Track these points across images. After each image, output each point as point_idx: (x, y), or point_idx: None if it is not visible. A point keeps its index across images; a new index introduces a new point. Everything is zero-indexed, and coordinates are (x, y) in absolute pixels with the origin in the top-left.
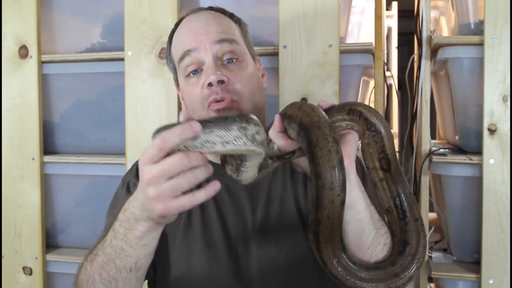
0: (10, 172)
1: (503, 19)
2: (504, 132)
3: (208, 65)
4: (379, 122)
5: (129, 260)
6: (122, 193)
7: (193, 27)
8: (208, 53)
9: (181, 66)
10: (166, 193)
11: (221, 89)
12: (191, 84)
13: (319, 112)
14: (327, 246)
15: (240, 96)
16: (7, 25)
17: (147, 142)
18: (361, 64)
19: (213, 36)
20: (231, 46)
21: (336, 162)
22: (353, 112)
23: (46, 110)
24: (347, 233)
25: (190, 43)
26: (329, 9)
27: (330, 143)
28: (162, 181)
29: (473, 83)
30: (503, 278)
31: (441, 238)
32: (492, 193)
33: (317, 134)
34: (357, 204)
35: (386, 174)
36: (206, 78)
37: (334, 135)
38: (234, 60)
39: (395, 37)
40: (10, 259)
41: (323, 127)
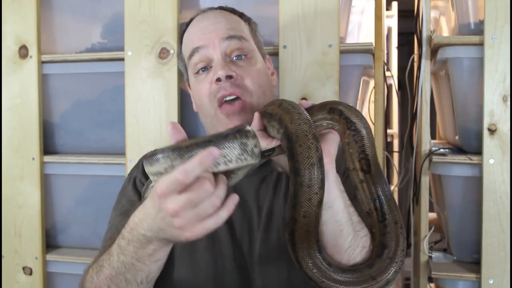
0: (10, 172)
1: (503, 19)
2: (504, 132)
3: (216, 61)
4: (359, 121)
5: (141, 274)
6: (129, 189)
7: (202, 25)
8: (216, 50)
9: (191, 64)
10: (193, 222)
11: (230, 84)
12: (200, 80)
13: (299, 109)
14: (303, 246)
15: (250, 92)
16: (7, 25)
17: (147, 142)
18: (361, 64)
19: (222, 33)
20: (239, 42)
21: (315, 159)
22: (334, 111)
23: (46, 110)
24: (324, 234)
25: (199, 40)
26: (329, 9)
27: (310, 140)
28: (188, 210)
29: (473, 83)
30: (503, 278)
31: (441, 238)
32: (492, 193)
33: (296, 131)
34: (336, 204)
35: (366, 176)
36: (214, 73)
37: (314, 132)
38: (243, 57)
39: (395, 37)
40: (10, 259)
41: (303, 124)
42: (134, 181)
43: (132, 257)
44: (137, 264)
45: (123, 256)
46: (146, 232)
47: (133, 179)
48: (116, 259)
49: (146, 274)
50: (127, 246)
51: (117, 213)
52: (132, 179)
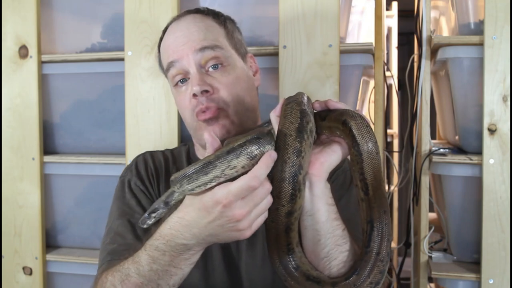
0: (10, 172)
1: (503, 19)
2: (504, 132)
3: (192, 75)
4: (364, 144)
5: (174, 278)
6: (126, 192)
7: (175, 36)
8: (191, 62)
9: (169, 76)
10: (253, 221)
11: (206, 99)
12: (180, 93)
13: (295, 116)
14: (272, 246)
15: (226, 103)
16: (7, 25)
17: (147, 142)
18: (361, 64)
19: (195, 44)
20: (213, 52)
21: (287, 174)
22: (346, 125)
23: (46, 110)
24: (304, 237)
25: (172, 53)
26: (329, 9)
27: (287, 154)
28: (252, 212)
29: (473, 83)
30: (503, 278)
31: (441, 238)
32: (492, 193)
33: (280, 141)
34: (318, 215)
35: (365, 197)
36: (190, 89)
37: (297, 145)
38: (219, 66)
39: (395, 37)
40: (10, 259)
41: (288, 136)
42: (129, 184)
43: (168, 264)
44: (172, 270)
45: (156, 265)
46: (189, 241)
47: (128, 183)
48: (147, 268)
49: (180, 276)
50: (162, 257)
51: (115, 217)
52: (127, 183)
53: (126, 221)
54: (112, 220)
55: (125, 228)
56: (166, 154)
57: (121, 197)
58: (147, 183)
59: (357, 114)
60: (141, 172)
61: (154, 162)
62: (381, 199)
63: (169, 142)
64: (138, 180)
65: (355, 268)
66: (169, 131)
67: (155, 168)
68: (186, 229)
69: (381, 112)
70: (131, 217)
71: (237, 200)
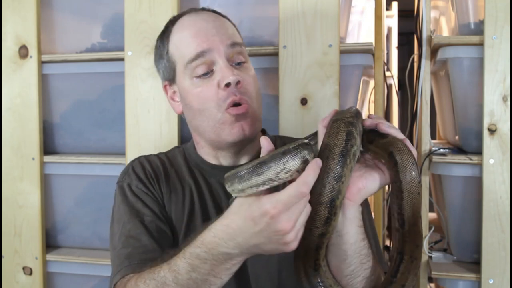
0: (10, 172)
1: (503, 19)
2: (504, 132)
3: (222, 66)
4: (406, 183)
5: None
6: (129, 196)
7: (201, 27)
8: (221, 55)
9: (190, 67)
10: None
11: (238, 90)
12: (202, 84)
13: (341, 138)
14: (300, 260)
15: (251, 98)
16: (7, 25)
17: (147, 142)
18: (361, 64)
19: (226, 38)
20: (240, 48)
21: (325, 198)
22: (391, 158)
23: (46, 110)
24: (330, 253)
25: (202, 43)
26: (329, 9)
27: (328, 178)
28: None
29: (473, 83)
30: (503, 278)
31: (441, 238)
32: (492, 193)
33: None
34: (347, 236)
35: (400, 229)
36: (222, 78)
37: (338, 170)
38: (242, 63)
39: (395, 37)
40: (10, 259)
41: (331, 159)
42: (130, 188)
43: (208, 273)
44: (211, 280)
45: (195, 273)
46: (232, 251)
47: (128, 186)
48: (186, 277)
49: (218, 286)
50: (202, 265)
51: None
52: (127, 187)
53: (138, 223)
54: (120, 225)
55: (139, 230)
56: (161, 157)
57: (125, 202)
58: (148, 185)
59: (406, 148)
60: (140, 175)
61: (151, 165)
62: (416, 236)
63: (169, 142)
64: (139, 183)
65: None
66: (169, 131)
67: (153, 171)
68: (231, 237)
69: (381, 112)
70: (142, 219)
71: (285, 210)
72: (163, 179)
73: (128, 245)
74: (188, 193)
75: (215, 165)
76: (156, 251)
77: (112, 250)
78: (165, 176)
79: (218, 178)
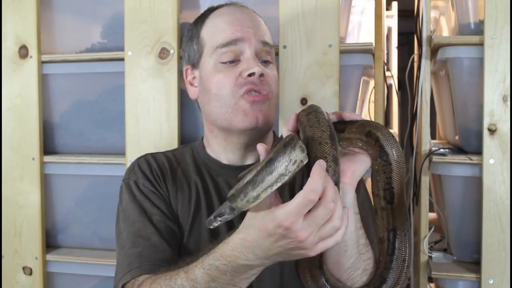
0: (10, 172)
1: (503, 19)
2: (504, 132)
3: (249, 57)
4: (393, 154)
5: None
6: (137, 194)
7: (238, 17)
8: (251, 47)
9: (219, 52)
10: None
11: (260, 82)
12: (225, 70)
13: (324, 124)
14: (303, 261)
15: (272, 94)
16: (7, 25)
17: (147, 142)
18: (361, 64)
19: (259, 34)
20: (270, 49)
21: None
22: (371, 136)
23: (46, 110)
24: (328, 250)
25: (236, 32)
26: (329, 9)
27: (328, 162)
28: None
29: (473, 83)
30: (503, 278)
31: (441, 238)
32: (492, 193)
33: (316, 150)
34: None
35: (388, 206)
36: (247, 67)
37: (334, 153)
38: (268, 62)
39: (395, 37)
40: (10, 259)
41: (324, 144)
42: (137, 185)
43: (227, 283)
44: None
45: (214, 283)
46: (252, 262)
47: (135, 184)
48: (204, 286)
49: None
50: (222, 276)
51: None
52: (134, 185)
53: (147, 222)
54: (128, 224)
55: (148, 230)
56: (168, 155)
57: (133, 200)
58: (155, 184)
59: (380, 124)
60: (146, 173)
61: (157, 162)
62: (403, 206)
63: (169, 142)
64: (146, 181)
65: (382, 277)
66: (169, 131)
67: (160, 169)
68: (249, 250)
69: (381, 112)
70: (150, 219)
71: (299, 220)
72: (169, 177)
73: (138, 245)
74: (194, 192)
75: (224, 164)
76: (166, 251)
77: (120, 249)
78: (171, 174)
79: (225, 177)
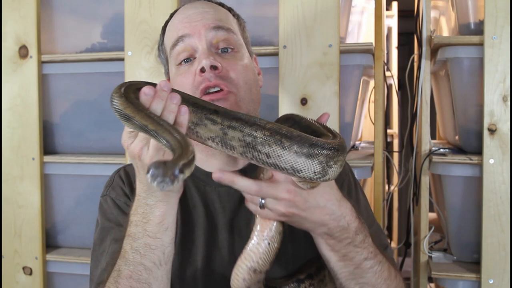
0: (10, 172)
1: (503, 19)
2: (504, 132)
3: (201, 51)
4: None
5: (157, 253)
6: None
7: (188, 14)
8: (202, 40)
9: (173, 54)
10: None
11: (215, 76)
12: (182, 72)
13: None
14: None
15: (236, 86)
16: (7, 25)
17: None
18: (361, 64)
19: (209, 22)
20: (227, 34)
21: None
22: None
23: (46, 110)
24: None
25: (183, 28)
26: (329, 9)
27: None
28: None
29: (473, 83)
30: (503, 278)
31: (441, 238)
32: (492, 193)
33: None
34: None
35: None
36: (198, 63)
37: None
38: (230, 50)
39: (395, 37)
40: (10, 259)
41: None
42: (114, 203)
43: (143, 236)
44: (150, 242)
45: (135, 242)
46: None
47: (112, 201)
48: (130, 251)
49: (161, 250)
50: (136, 229)
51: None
52: (111, 201)
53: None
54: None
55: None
56: None
57: (111, 218)
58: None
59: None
60: (125, 190)
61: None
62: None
63: None
64: (124, 196)
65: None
66: None
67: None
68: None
69: (381, 112)
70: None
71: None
72: None
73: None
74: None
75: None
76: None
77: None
78: None
79: (215, 186)
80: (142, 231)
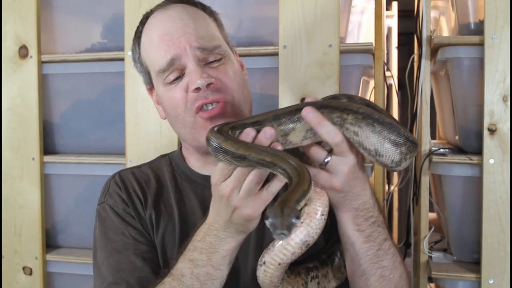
0: (10, 172)
1: (503, 19)
2: (504, 132)
3: (192, 69)
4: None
5: (215, 283)
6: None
7: (167, 29)
8: (189, 57)
9: (161, 76)
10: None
11: (211, 92)
12: (173, 88)
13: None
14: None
15: (231, 94)
16: (7, 25)
17: (147, 142)
18: (361, 64)
19: (193, 40)
20: (213, 50)
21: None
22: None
23: (46, 110)
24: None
25: (169, 49)
26: (329, 9)
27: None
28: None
29: (473, 83)
30: (503, 278)
31: (441, 238)
32: (492, 193)
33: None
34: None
35: None
36: (190, 82)
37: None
38: (218, 60)
39: (395, 37)
40: (10, 259)
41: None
42: (113, 210)
43: (207, 264)
44: (212, 272)
45: (196, 269)
46: (218, 232)
47: (111, 208)
48: (189, 276)
49: (220, 281)
50: (200, 256)
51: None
52: (110, 209)
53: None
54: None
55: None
56: (144, 171)
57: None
58: (135, 207)
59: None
60: (122, 196)
61: (134, 182)
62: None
63: (169, 142)
64: (122, 203)
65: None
66: (169, 131)
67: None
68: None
69: None
70: (135, 249)
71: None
72: (150, 198)
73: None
74: (177, 213)
75: (207, 176)
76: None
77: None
78: (152, 195)
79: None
80: (207, 260)
